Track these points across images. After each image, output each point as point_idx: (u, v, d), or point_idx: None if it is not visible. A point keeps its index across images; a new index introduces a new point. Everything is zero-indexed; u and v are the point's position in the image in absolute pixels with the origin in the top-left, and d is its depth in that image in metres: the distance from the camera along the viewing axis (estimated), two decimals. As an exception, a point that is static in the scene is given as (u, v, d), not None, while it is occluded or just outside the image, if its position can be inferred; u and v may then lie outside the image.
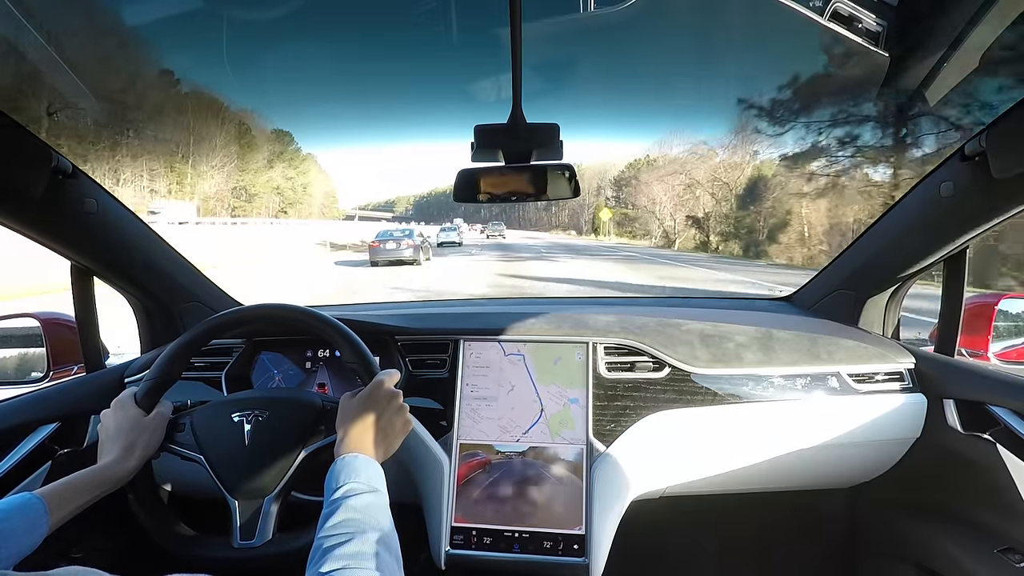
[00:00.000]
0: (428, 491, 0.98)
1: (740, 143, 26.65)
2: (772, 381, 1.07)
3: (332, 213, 47.32)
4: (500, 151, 0.81)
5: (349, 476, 0.64)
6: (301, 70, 34.89)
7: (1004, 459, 0.88)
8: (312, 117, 51.27)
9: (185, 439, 0.82)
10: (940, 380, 1.03)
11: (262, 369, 1.16)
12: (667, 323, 1.13)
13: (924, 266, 1.07)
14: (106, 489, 0.72)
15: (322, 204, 44.82)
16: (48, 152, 0.82)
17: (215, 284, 1.32)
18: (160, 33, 21.22)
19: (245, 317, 0.93)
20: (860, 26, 0.76)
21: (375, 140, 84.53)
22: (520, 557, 0.93)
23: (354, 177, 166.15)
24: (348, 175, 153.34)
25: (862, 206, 16.27)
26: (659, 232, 31.48)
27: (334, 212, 48.37)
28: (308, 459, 0.79)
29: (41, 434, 0.95)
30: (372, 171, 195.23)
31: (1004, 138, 0.77)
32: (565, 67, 31.25)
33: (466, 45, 4.07)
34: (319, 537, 0.56)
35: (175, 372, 0.86)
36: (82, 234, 0.98)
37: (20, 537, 0.61)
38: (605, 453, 0.98)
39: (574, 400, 1.02)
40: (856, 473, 1.17)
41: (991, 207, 0.87)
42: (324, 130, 52.15)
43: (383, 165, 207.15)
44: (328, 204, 47.36)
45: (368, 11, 32.32)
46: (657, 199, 31.97)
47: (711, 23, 21.08)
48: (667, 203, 30.92)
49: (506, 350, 1.08)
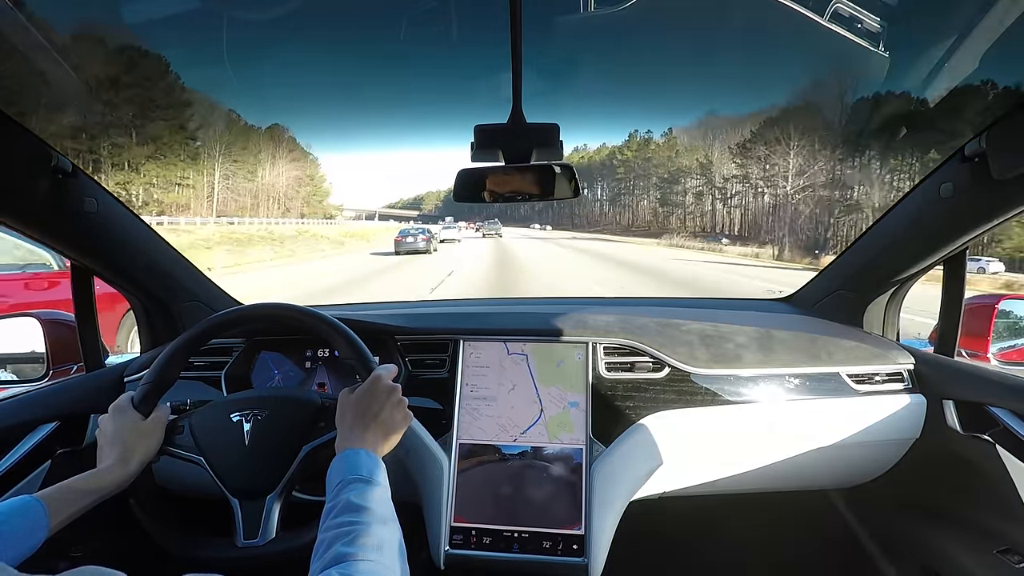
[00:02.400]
0: (427, 491, 0.98)
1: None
2: (772, 382, 1.07)
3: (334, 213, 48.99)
4: (500, 151, 0.81)
5: (350, 470, 0.64)
6: (302, 77, 35.24)
7: (1003, 460, 0.88)
8: (316, 121, 52.03)
9: (184, 441, 0.82)
10: (940, 381, 1.03)
11: (262, 368, 1.16)
12: (667, 323, 1.13)
13: (924, 267, 1.07)
14: (106, 494, 0.72)
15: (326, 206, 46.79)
16: (48, 152, 0.82)
17: (215, 284, 1.32)
18: (187, 63, 21.79)
19: (243, 317, 0.93)
20: (860, 26, 0.77)
21: (384, 144, 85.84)
22: (519, 557, 0.93)
23: (363, 178, 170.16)
24: (357, 177, 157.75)
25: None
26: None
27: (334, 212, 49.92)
28: (309, 456, 0.79)
29: (41, 433, 0.95)
30: (391, 172, 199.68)
31: (1004, 139, 0.77)
32: (565, 67, 31.35)
33: (466, 44, 4.10)
34: (322, 531, 0.56)
35: (172, 375, 0.85)
36: (82, 234, 0.98)
37: (20, 539, 0.61)
38: (604, 453, 0.98)
39: (574, 404, 1.02)
40: (856, 473, 1.17)
41: (991, 208, 0.87)
42: (325, 133, 53.19)
43: (405, 167, 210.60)
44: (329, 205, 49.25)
45: (372, 15, 32.65)
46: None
47: (711, 23, 21.07)
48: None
49: (509, 349, 1.08)
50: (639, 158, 64.66)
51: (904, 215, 1.06)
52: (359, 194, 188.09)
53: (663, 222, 57.06)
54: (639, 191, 65.82)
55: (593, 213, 77.19)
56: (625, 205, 69.17)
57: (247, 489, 0.78)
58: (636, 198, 66.60)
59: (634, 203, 66.91)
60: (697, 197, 54.45)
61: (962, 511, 1.00)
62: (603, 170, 75.16)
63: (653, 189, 62.14)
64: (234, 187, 36.05)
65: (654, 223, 59.07)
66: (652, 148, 62.79)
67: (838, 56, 1.11)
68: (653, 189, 62.14)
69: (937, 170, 0.93)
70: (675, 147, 60.36)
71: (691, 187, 55.70)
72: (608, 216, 71.90)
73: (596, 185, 76.76)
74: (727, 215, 50.28)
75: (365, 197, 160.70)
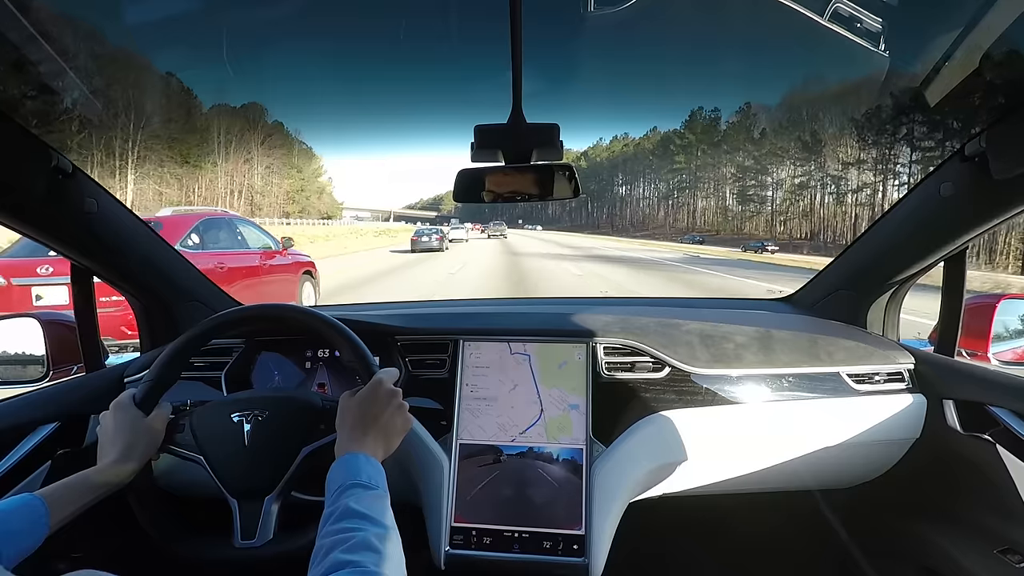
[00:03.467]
0: (428, 491, 0.98)
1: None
2: (772, 381, 1.06)
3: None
4: (500, 151, 0.81)
5: (350, 475, 0.64)
6: (311, 85, 35.49)
7: (1004, 460, 0.88)
8: (321, 126, 52.66)
9: (185, 440, 0.82)
10: (940, 380, 1.03)
11: (262, 369, 1.16)
12: (667, 323, 1.13)
13: (924, 266, 1.08)
14: (106, 491, 0.72)
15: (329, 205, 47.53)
16: (48, 152, 0.82)
17: (215, 284, 1.32)
18: (203, 79, 22.01)
19: (244, 317, 0.93)
20: (860, 26, 0.76)
21: (394, 146, 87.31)
22: (520, 557, 0.93)
23: (379, 178, 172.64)
24: (372, 177, 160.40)
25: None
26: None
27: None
28: (308, 459, 0.79)
29: (41, 434, 0.95)
30: (401, 170, 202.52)
31: (1004, 138, 0.77)
32: (565, 67, 31.66)
33: (465, 43, 3.95)
34: (321, 536, 0.56)
35: (174, 373, 0.86)
36: (82, 234, 0.98)
37: (21, 538, 0.61)
38: (605, 453, 0.98)
39: (574, 407, 1.02)
40: (856, 473, 1.17)
41: (991, 207, 0.87)
42: (331, 135, 53.88)
43: (424, 166, 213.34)
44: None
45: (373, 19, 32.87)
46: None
47: (711, 23, 21.08)
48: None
49: (512, 348, 1.08)
50: (705, 142, 54.13)
51: (904, 215, 1.06)
52: (376, 195, 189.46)
53: (738, 224, 47.15)
54: (705, 185, 55.05)
55: (637, 214, 68.20)
56: (681, 203, 58.64)
57: (246, 489, 0.79)
58: (699, 194, 56.17)
59: (696, 200, 56.00)
60: (795, 192, 43.70)
61: (962, 511, 1.00)
62: (650, 161, 65.19)
63: (726, 182, 52.40)
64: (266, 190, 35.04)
65: (725, 225, 49.82)
66: (726, 130, 50.38)
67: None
68: (726, 182, 52.40)
69: (937, 170, 0.93)
70: (757, 126, 48.19)
71: (784, 178, 45.41)
72: (657, 217, 62.35)
73: (640, 180, 66.22)
74: (841, 214, 39.55)
75: (382, 198, 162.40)
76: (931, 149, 16.61)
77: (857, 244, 1.21)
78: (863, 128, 33.02)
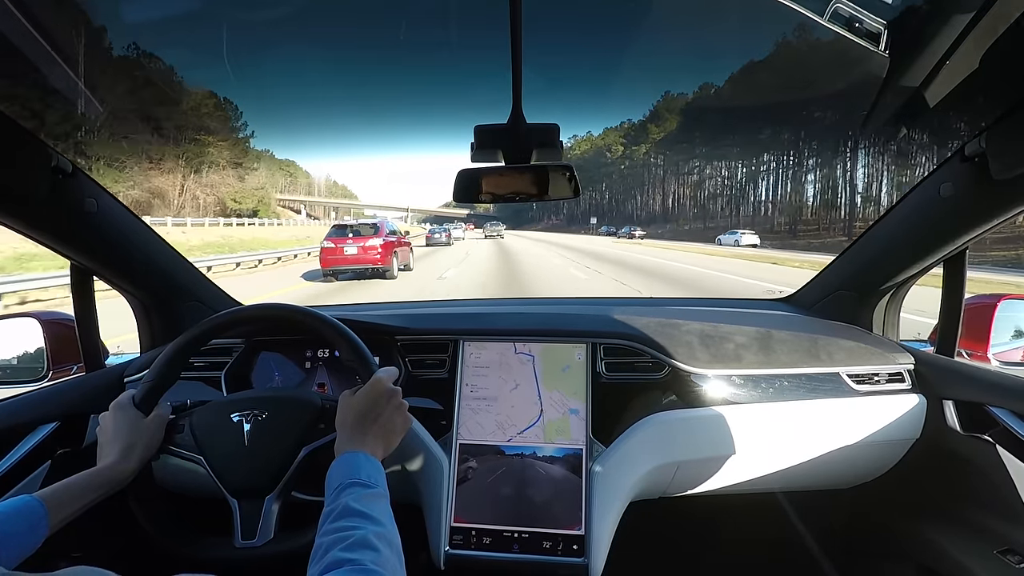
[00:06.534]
0: (428, 491, 0.98)
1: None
2: (772, 382, 1.06)
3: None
4: (500, 151, 0.81)
5: (349, 473, 0.64)
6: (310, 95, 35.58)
7: (1003, 460, 0.88)
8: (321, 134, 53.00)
9: (184, 440, 0.82)
10: (940, 381, 1.03)
11: (262, 369, 1.16)
12: (667, 323, 1.13)
13: (924, 267, 1.07)
14: (106, 491, 0.72)
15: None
16: (48, 152, 0.82)
17: (215, 284, 1.32)
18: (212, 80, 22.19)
19: (243, 317, 0.93)
20: (860, 26, 0.76)
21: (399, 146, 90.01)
22: (519, 557, 0.93)
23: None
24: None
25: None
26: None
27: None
28: (308, 458, 0.79)
29: (41, 434, 0.95)
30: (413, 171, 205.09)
31: (1004, 139, 0.77)
32: (565, 67, 31.88)
33: (466, 44, 3.89)
34: (320, 534, 0.56)
35: (173, 374, 0.86)
36: (82, 234, 0.98)
37: (20, 539, 0.61)
38: (604, 453, 0.98)
39: (574, 411, 1.02)
40: (856, 474, 1.17)
41: (991, 208, 0.87)
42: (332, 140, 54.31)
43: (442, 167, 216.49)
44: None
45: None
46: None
47: (712, 23, 21.10)
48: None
49: (516, 348, 1.08)
50: (704, 141, 46.02)
51: (904, 215, 1.06)
52: (416, 195, 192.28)
53: (777, 221, 39.45)
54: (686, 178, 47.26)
55: (652, 208, 61.78)
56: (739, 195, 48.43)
57: (246, 489, 0.79)
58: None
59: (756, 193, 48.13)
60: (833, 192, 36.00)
61: (962, 511, 1.00)
62: (666, 145, 58.73)
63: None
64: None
65: (765, 221, 42.60)
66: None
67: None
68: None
69: (937, 170, 0.93)
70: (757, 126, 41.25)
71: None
72: (677, 211, 54.52)
73: (654, 167, 58.41)
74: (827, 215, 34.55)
75: (423, 198, 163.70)
76: (931, 149, 16.37)
77: (857, 244, 1.21)
78: (863, 128, 33.00)
